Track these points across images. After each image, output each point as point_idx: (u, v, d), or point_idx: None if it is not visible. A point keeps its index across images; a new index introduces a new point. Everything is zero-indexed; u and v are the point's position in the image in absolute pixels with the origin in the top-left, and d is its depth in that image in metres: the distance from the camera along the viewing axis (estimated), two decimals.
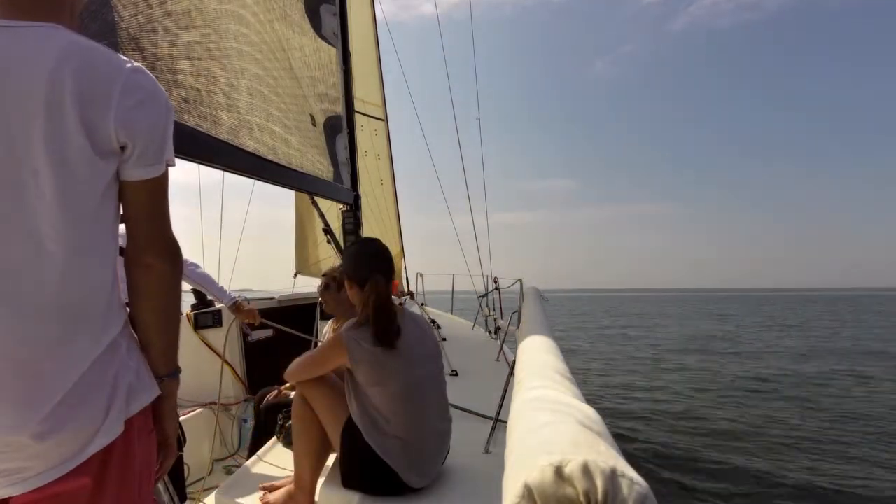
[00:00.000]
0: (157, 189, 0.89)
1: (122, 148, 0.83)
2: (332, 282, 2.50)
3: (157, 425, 0.96)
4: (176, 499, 1.19)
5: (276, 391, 2.68)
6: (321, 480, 1.71)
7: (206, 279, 2.82)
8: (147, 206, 0.89)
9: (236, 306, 2.87)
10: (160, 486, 1.08)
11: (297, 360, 1.75)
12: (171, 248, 0.92)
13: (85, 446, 0.79)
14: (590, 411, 0.65)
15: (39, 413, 0.75)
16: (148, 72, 0.88)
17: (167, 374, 0.95)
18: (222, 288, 2.88)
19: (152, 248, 0.89)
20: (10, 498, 0.77)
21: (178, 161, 1.74)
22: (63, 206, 0.77)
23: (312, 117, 2.71)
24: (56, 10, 0.85)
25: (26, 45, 0.77)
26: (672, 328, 22.83)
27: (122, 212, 0.90)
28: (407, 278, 7.18)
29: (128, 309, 0.94)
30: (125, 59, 0.86)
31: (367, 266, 1.71)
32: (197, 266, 2.77)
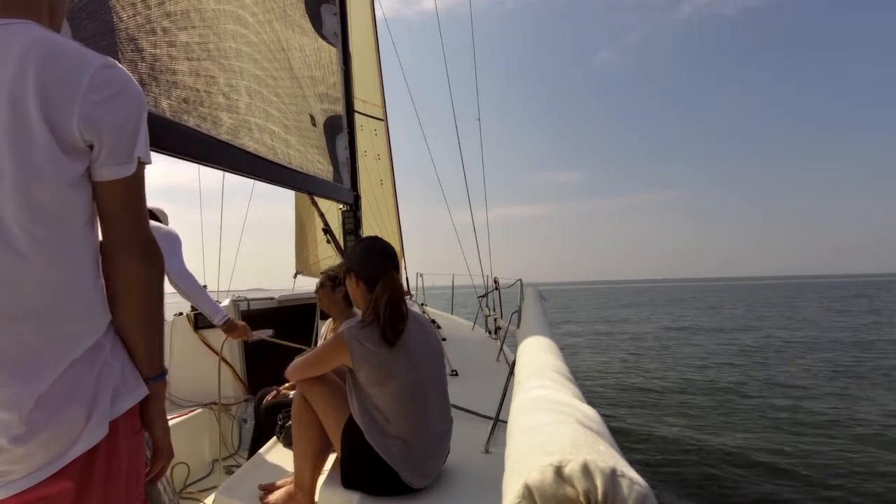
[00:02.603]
0: (129, 188, 0.86)
1: (91, 147, 0.81)
2: (327, 281, 2.50)
3: (147, 428, 0.95)
4: (176, 498, 1.19)
5: (275, 392, 2.68)
6: (321, 480, 1.71)
7: (198, 293, 2.60)
8: (119, 206, 0.86)
9: (228, 325, 2.69)
10: (159, 486, 1.08)
11: (298, 359, 1.75)
12: (146, 248, 0.89)
13: (67, 449, 0.77)
14: (590, 411, 0.65)
15: (15, 415, 0.74)
16: (120, 67, 0.85)
17: (152, 376, 0.93)
18: (216, 305, 2.68)
19: (125, 248, 0.86)
20: None
21: (181, 162, 1.74)
22: (26, 203, 0.76)
23: (312, 117, 2.71)
24: (30, 7, 0.83)
25: None
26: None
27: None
28: (407, 278, 7.19)
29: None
30: (96, 54, 0.83)
31: (377, 264, 1.70)
32: (190, 276, 2.57)
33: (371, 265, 1.70)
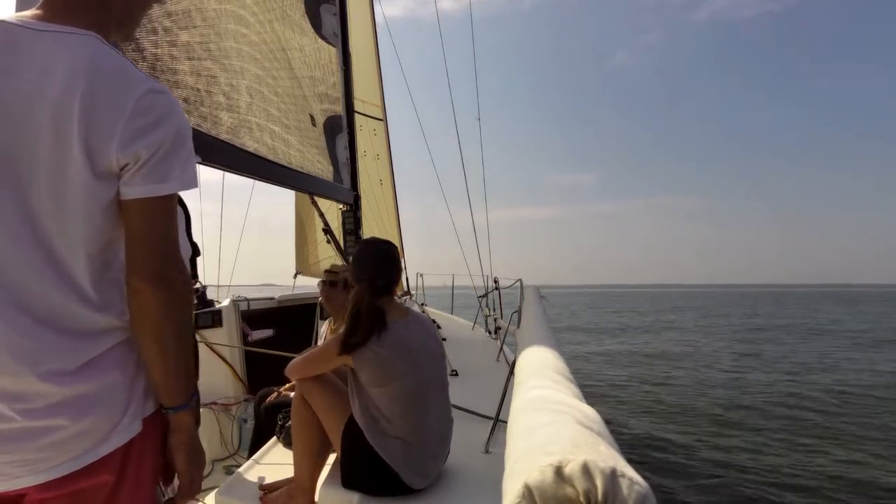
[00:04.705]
0: (150, 210, 0.81)
1: (125, 167, 0.80)
2: (334, 280, 2.50)
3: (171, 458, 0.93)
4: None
5: (275, 393, 2.67)
6: (321, 480, 1.71)
7: None
8: (138, 226, 0.82)
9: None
10: (161, 486, 1.07)
11: (299, 357, 1.74)
12: (163, 275, 0.82)
13: (102, 441, 0.79)
14: (590, 411, 0.65)
15: (53, 404, 0.75)
16: (167, 92, 0.83)
17: (170, 406, 0.88)
18: None
19: (139, 272, 0.81)
20: (25, 494, 0.76)
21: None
22: (55, 217, 0.76)
23: (312, 117, 2.71)
24: (97, 16, 0.82)
25: (47, 53, 0.75)
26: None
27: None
28: (407, 278, 7.18)
29: None
30: (145, 77, 0.81)
31: (357, 274, 1.70)
32: None
33: (355, 273, 1.71)
